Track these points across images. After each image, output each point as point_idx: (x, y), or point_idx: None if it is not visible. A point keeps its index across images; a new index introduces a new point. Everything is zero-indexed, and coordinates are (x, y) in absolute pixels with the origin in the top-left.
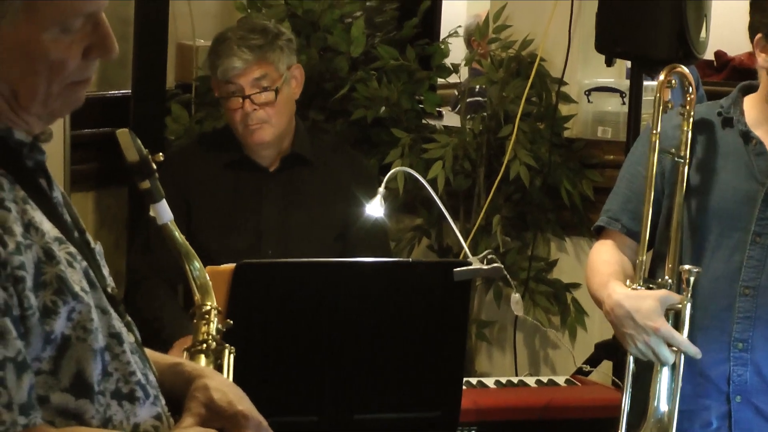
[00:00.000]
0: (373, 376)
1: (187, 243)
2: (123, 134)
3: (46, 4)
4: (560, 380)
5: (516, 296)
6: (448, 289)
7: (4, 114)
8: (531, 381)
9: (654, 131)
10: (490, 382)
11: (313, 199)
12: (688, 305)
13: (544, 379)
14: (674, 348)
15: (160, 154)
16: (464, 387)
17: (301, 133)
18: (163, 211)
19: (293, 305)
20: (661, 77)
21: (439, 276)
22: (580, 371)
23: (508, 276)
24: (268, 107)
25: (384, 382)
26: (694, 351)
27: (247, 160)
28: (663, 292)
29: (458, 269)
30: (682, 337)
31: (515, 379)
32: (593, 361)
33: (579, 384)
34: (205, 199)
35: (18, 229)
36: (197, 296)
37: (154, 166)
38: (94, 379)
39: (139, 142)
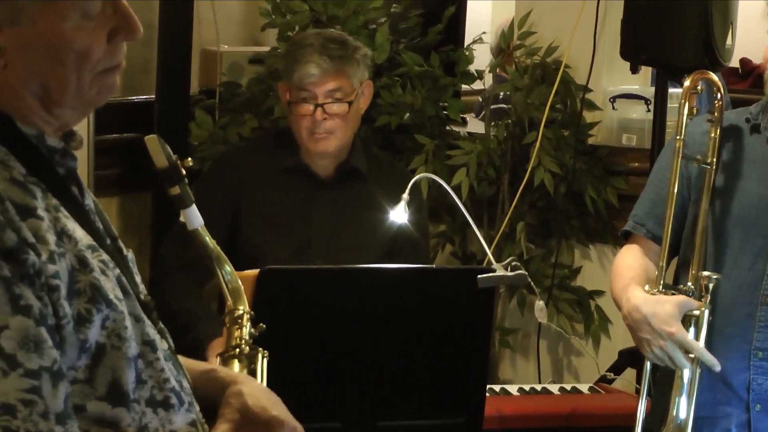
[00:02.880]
0: (397, 383)
1: (218, 248)
2: (151, 140)
3: None
4: (584, 388)
5: (540, 303)
6: (472, 296)
7: (37, 115)
8: (554, 388)
9: (678, 137)
10: (513, 389)
11: (365, 212)
12: (706, 312)
13: (568, 387)
14: (691, 354)
15: (189, 159)
16: (487, 394)
17: (358, 146)
18: (194, 217)
19: (317, 312)
20: (687, 83)
21: (463, 283)
22: (603, 379)
23: (531, 283)
24: (338, 118)
25: (407, 388)
26: (710, 359)
27: (303, 167)
28: (681, 297)
29: (482, 276)
30: (698, 344)
31: (538, 387)
32: (617, 368)
33: (602, 392)
34: (255, 204)
35: (51, 237)
36: (229, 301)
37: (184, 172)
38: (129, 387)
39: (168, 148)
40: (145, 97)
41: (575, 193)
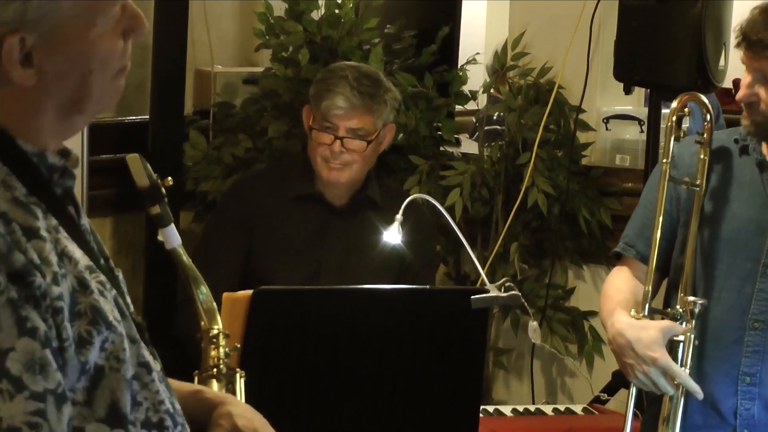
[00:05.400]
0: (391, 404)
1: (195, 267)
2: (133, 159)
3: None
4: (577, 409)
5: (533, 324)
6: (465, 317)
7: (47, 129)
8: (548, 409)
9: (664, 160)
10: (507, 410)
11: (377, 241)
12: (692, 337)
13: (562, 408)
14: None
15: (170, 178)
16: (481, 415)
17: (372, 176)
18: (172, 236)
19: (311, 332)
20: (674, 105)
21: (457, 303)
22: (597, 400)
23: (525, 304)
24: (355, 153)
25: (401, 409)
26: (693, 386)
27: (317, 195)
28: (666, 322)
29: (476, 297)
30: (681, 370)
31: (532, 408)
32: (611, 389)
33: (596, 412)
34: (269, 228)
35: (54, 258)
36: (204, 321)
37: (164, 191)
38: (127, 409)
39: (150, 167)
40: (139, 117)
41: (569, 214)
